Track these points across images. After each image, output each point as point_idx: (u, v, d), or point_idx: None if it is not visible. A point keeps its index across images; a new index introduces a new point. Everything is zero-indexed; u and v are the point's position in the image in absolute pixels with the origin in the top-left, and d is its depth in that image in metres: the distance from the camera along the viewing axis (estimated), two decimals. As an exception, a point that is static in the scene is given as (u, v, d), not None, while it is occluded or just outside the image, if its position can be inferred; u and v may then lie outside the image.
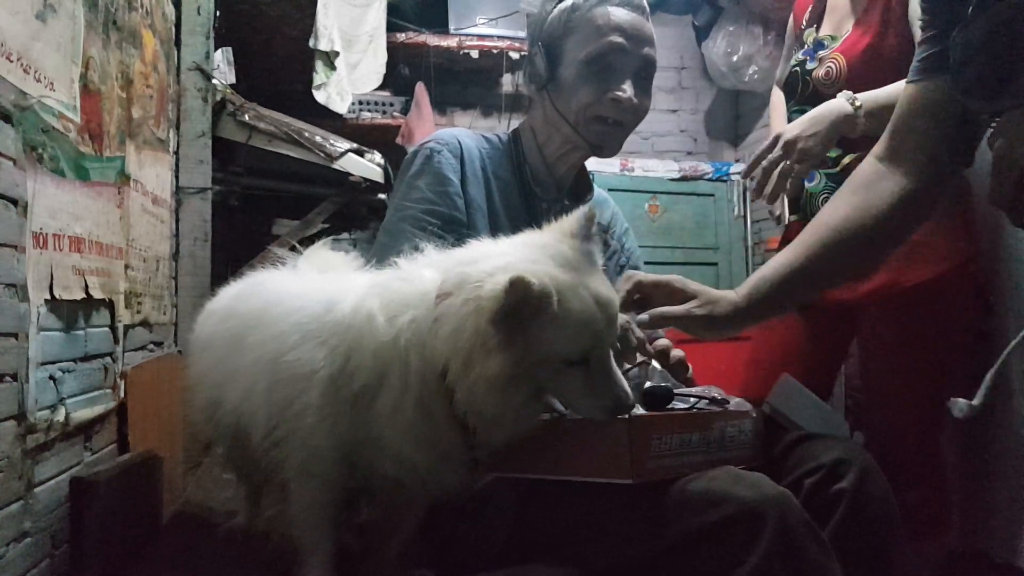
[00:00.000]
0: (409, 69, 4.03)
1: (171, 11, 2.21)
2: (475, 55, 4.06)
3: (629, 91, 1.37)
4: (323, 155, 2.64)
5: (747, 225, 4.29)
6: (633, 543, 1.01)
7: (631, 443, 0.96)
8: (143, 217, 1.87)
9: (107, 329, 1.59)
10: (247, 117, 2.54)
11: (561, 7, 1.39)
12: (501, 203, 1.40)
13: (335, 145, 2.69)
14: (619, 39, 1.35)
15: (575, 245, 1.02)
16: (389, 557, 1.21)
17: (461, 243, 1.09)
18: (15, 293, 1.18)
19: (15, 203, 1.18)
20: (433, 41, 4.00)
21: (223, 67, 2.77)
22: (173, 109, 2.25)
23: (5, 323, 1.15)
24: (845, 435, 1.35)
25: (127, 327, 1.72)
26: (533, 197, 1.44)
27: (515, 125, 1.54)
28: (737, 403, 1.17)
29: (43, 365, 1.28)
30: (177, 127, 2.30)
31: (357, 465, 1.10)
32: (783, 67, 2.08)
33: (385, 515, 1.23)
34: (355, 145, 2.79)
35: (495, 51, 4.06)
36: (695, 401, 1.13)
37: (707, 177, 4.28)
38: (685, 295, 1.16)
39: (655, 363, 1.22)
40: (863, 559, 1.06)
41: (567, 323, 0.94)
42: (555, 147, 1.44)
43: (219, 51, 2.66)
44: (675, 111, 4.75)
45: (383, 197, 2.88)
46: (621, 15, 1.37)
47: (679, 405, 1.12)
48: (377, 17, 3.61)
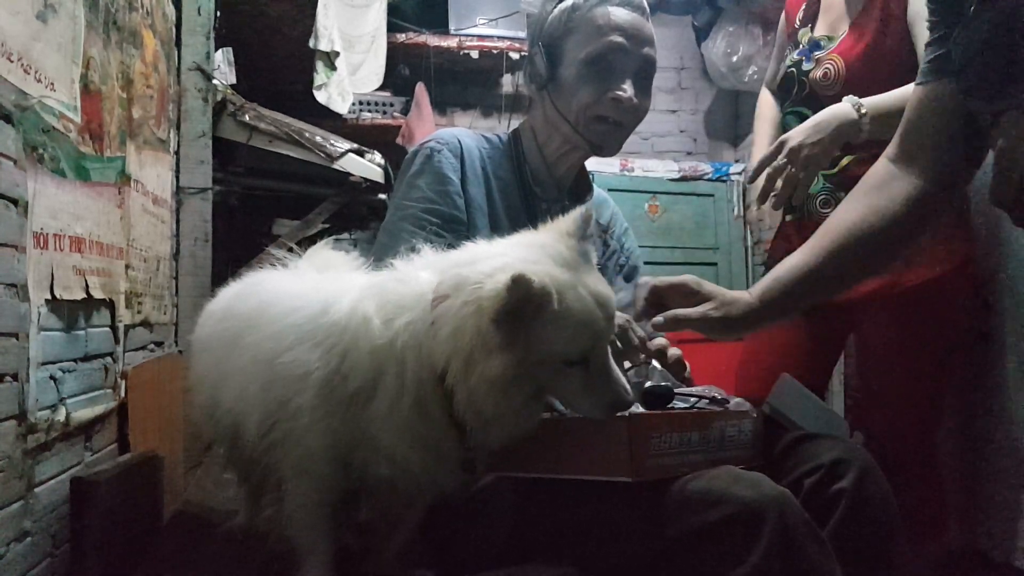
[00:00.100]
0: (409, 69, 4.03)
1: (171, 11, 2.21)
2: (475, 55, 4.06)
3: (629, 91, 1.37)
4: (323, 155, 2.65)
5: (746, 225, 4.29)
6: (633, 542, 1.01)
7: (631, 441, 0.96)
8: (143, 217, 1.87)
9: (108, 329, 1.59)
10: (247, 117, 2.54)
11: (561, 7, 1.40)
12: (501, 203, 1.40)
13: (335, 145, 2.69)
14: (619, 39, 1.36)
15: (572, 244, 1.02)
16: (389, 557, 1.21)
17: (461, 243, 1.09)
18: (16, 293, 1.18)
19: (16, 203, 1.18)
20: (433, 41, 4.00)
21: (223, 67, 2.78)
22: (173, 109, 2.25)
23: (6, 323, 1.15)
24: (845, 435, 1.35)
25: (127, 327, 1.72)
26: (533, 197, 1.44)
27: (515, 125, 1.54)
28: (737, 403, 1.17)
29: (44, 365, 1.28)
30: (177, 127, 2.30)
31: (352, 466, 1.10)
32: (774, 67, 2.07)
33: (383, 515, 1.23)
34: (355, 145, 2.79)
35: (495, 51, 4.06)
36: (695, 401, 1.13)
37: (707, 177, 4.28)
38: (700, 296, 1.16)
39: (655, 362, 1.23)
40: (863, 559, 1.06)
41: (568, 322, 0.94)
42: (555, 147, 1.44)
43: (219, 51, 2.67)
44: (675, 111, 4.74)
45: (383, 197, 2.88)
46: (621, 15, 1.37)
47: (679, 404, 1.12)
48: (377, 17, 3.62)
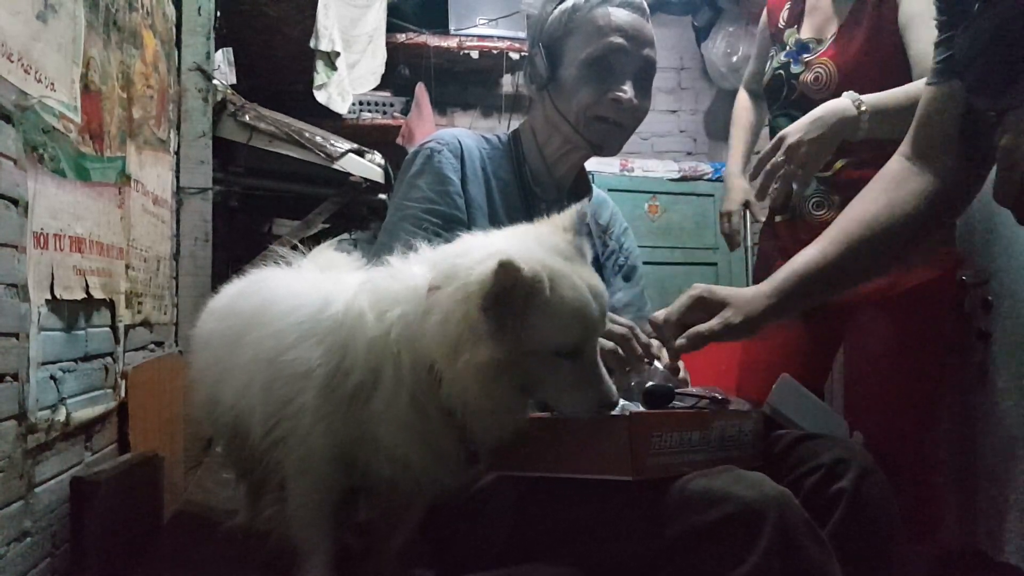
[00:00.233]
0: (409, 69, 4.03)
1: (172, 11, 2.21)
2: (475, 55, 4.06)
3: (629, 92, 1.37)
4: (323, 155, 2.64)
5: (747, 225, 4.29)
6: (633, 542, 1.01)
7: (631, 440, 0.96)
8: (144, 217, 1.87)
9: (108, 329, 1.59)
10: (247, 117, 2.54)
11: (562, 8, 1.40)
12: (501, 203, 1.40)
13: (335, 145, 2.69)
14: (619, 40, 1.36)
15: (568, 238, 1.02)
16: (389, 557, 1.21)
17: None
18: (16, 293, 1.18)
19: (16, 203, 1.18)
20: (433, 41, 4.00)
21: (224, 67, 2.78)
22: (174, 109, 2.25)
23: (6, 323, 1.15)
24: (845, 435, 1.35)
25: (128, 327, 1.72)
26: (533, 197, 1.44)
27: (515, 125, 1.54)
28: (737, 403, 1.17)
29: (44, 365, 1.28)
30: (178, 127, 2.30)
31: (354, 464, 1.09)
32: (755, 66, 2.07)
33: (384, 515, 1.23)
34: (355, 145, 2.79)
35: (495, 52, 4.06)
36: (696, 400, 1.13)
37: (707, 177, 4.27)
38: (714, 304, 1.14)
39: (656, 363, 1.23)
40: (863, 559, 1.06)
41: (561, 312, 0.93)
42: (555, 147, 1.44)
43: (220, 51, 2.67)
44: (675, 111, 4.74)
45: (383, 197, 2.88)
46: (621, 16, 1.37)
47: (680, 404, 1.12)
48: (377, 17, 3.61)
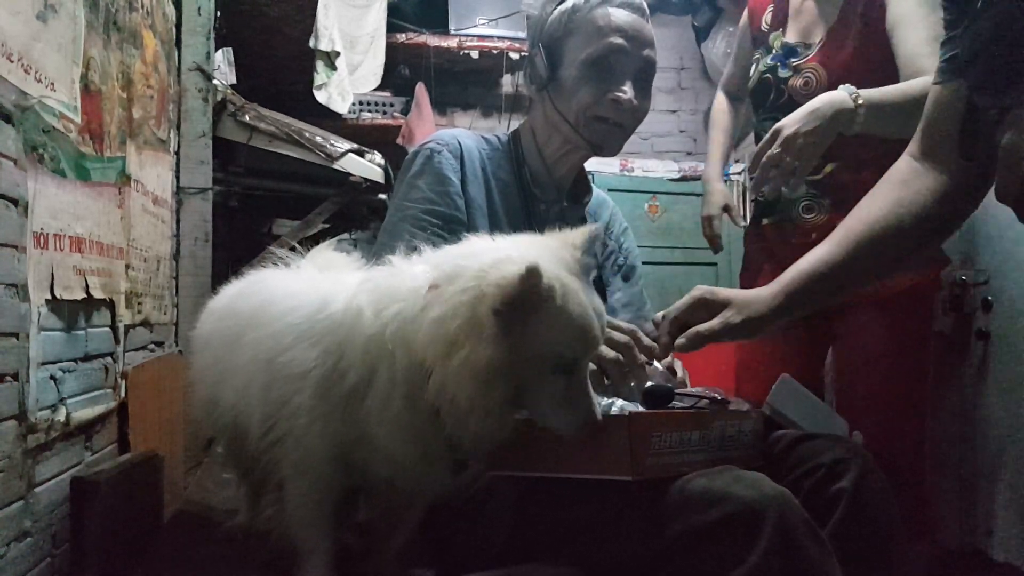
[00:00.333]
0: (409, 69, 4.03)
1: (171, 11, 2.21)
2: (475, 55, 4.06)
3: (629, 92, 1.37)
4: (323, 155, 2.64)
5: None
6: (633, 542, 1.01)
7: (631, 440, 0.96)
8: (144, 217, 1.87)
9: (108, 329, 1.59)
10: (247, 117, 2.54)
11: (561, 8, 1.40)
12: (501, 204, 1.40)
13: (335, 145, 2.69)
14: (619, 40, 1.36)
15: (576, 255, 1.02)
16: (389, 557, 1.21)
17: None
18: (16, 293, 1.18)
19: (16, 203, 1.18)
20: (433, 42, 4.00)
21: (224, 67, 2.78)
22: (174, 109, 2.25)
23: (6, 323, 1.15)
24: (845, 435, 1.35)
25: (128, 327, 1.72)
26: (532, 198, 1.44)
27: (515, 126, 1.54)
28: (737, 403, 1.17)
29: (44, 365, 1.28)
30: (178, 127, 2.30)
31: (352, 464, 1.10)
32: (733, 68, 2.07)
33: (384, 515, 1.23)
34: (355, 145, 2.79)
35: (495, 52, 4.06)
36: (696, 400, 1.13)
37: (707, 177, 4.27)
38: (716, 305, 1.14)
39: (656, 363, 1.23)
40: (863, 558, 1.06)
41: (567, 325, 0.94)
42: (555, 147, 1.44)
43: (220, 51, 2.67)
44: (675, 111, 4.75)
45: (383, 197, 2.88)
46: (621, 16, 1.37)
47: (680, 404, 1.12)
48: (377, 18, 3.62)
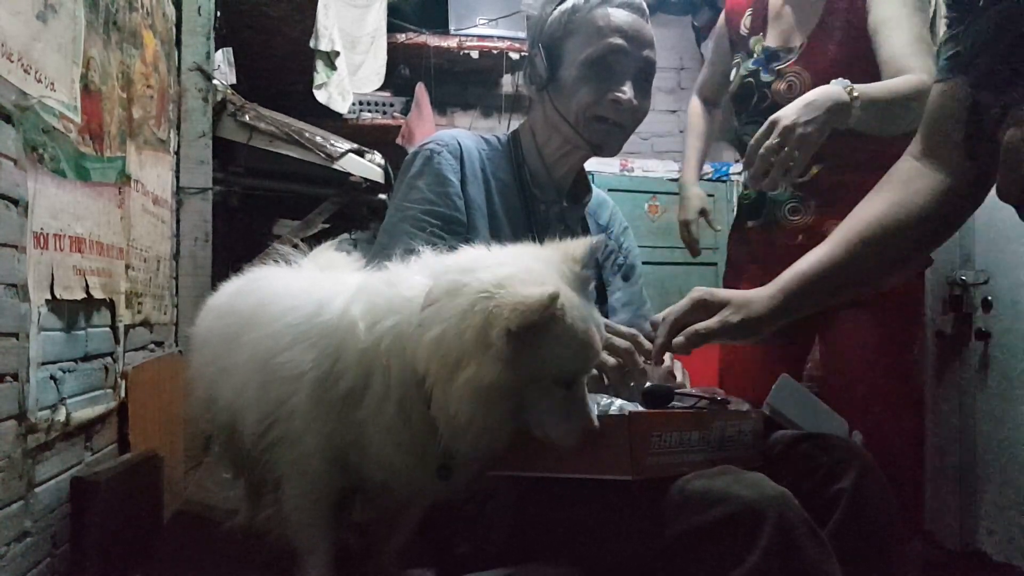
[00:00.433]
0: (409, 69, 4.02)
1: (171, 11, 2.21)
2: (475, 56, 4.06)
3: (629, 92, 1.37)
4: (324, 155, 2.64)
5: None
6: (633, 542, 1.01)
7: (631, 440, 0.96)
8: (144, 217, 1.87)
9: (108, 329, 1.59)
10: (248, 117, 2.54)
11: (561, 8, 1.40)
12: (500, 204, 1.40)
13: (335, 145, 2.69)
14: (619, 41, 1.36)
15: (576, 269, 1.02)
16: (389, 557, 1.21)
17: (460, 244, 1.09)
18: (16, 293, 1.18)
19: (16, 203, 1.18)
20: (433, 42, 4.00)
21: (224, 67, 2.77)
22: (174, 109, 2.25)
23: (6, 323, 1.15)
24: (845, 435, 1.35)
25: (128, 327, 1.72)
26: (532, 198, 1.44)
27: (515, 126, 1.54)
28: (737, 403, 1.17)
29: (44, 365, 1.28)
30: (178, 127, 2.30)
31: (348, 466, 1.10)
32: (708, 72, 2.07)
33: (383, 515, 1.23)
34: (355, 145, 2.78)
35: (495, 52, 4.05)
36: (695, 400, 1.13)
37: (707, 177, 4.27)
38: (714, 306, 1.14)
39: (655, 368, 1.23)
40: (863, 558, 1.06)
41: (571, 341, 0.94)
42: (555, 148, 1.44)
43: (220, 51, 2.66)
44: (675, 111, 4.74)
45: (383, 197, 2.88)
46: (621, 17, 1.37)
47: (679, 404, 1.12)
48: (377, 18, 3.61)
